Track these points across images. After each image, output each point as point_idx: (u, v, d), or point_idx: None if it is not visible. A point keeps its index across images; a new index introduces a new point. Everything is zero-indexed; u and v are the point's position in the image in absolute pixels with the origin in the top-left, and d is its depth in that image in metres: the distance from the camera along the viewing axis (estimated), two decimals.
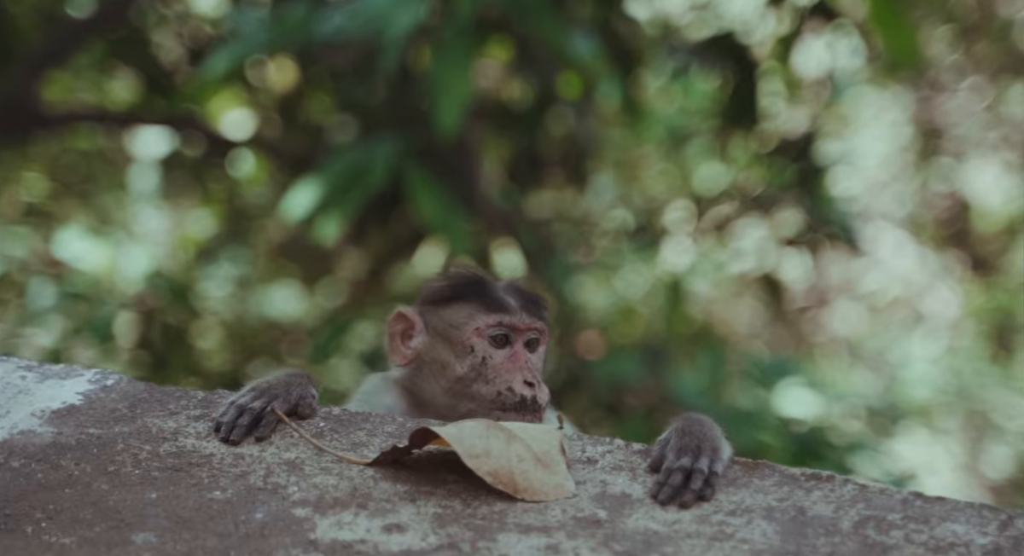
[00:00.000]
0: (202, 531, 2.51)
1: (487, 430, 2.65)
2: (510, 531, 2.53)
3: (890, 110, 10.84)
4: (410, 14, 5.55)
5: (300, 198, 6.31)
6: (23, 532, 2.48)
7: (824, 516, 2.57)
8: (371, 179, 6.12)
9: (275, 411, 2.81)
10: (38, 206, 9.92)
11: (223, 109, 8.56)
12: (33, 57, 7.86)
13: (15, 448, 2.73)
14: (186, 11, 8.19)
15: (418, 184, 6.22)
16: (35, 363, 3.05)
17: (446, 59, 5.67)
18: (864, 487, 2.65)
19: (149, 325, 8.75)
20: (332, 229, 6.25)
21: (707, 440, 2.69)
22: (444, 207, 6.30)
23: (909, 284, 11.36)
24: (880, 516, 2.56)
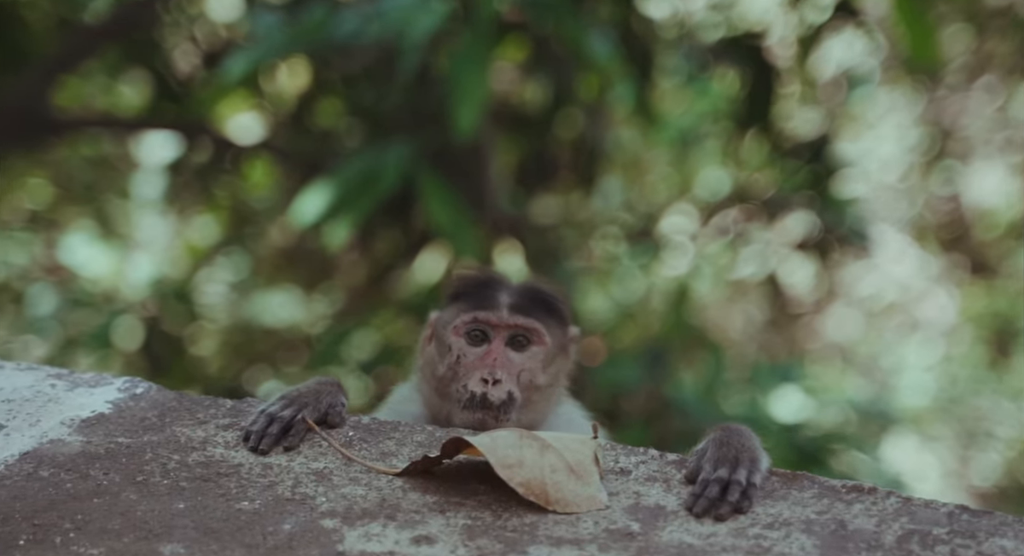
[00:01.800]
0: (230, 542, 2.48)
1: (520, 440, 2.62)
2: (541, 543, 2.50)
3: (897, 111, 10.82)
4: (430, 16, 5.52)
5: (310, 203, 6.27)
6: (51, 542, 2.45)
7: (866, 530, 2.52)
8: (383, 184, 6.08)
9: (305, 420, 2.77)
10: (41, 212, 9.88)
11: (232, 114, 8.52)
12: (47, 63, 7.83)
13: (44, 457, 2.70)
14: (201, 16, 8.15)
15: (429, 188, 6.18)
16: (65, 371, 3.03)
17: (464, 62, 5.64)
18: (908, 500, 2.59)
19: (150, 332, 8.71)
20: (341, 234, 6.21)
21: (745, 451, 2.65)
22: (454, 211, 6.26)
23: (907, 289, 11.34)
24: (925, 530, 2.51)
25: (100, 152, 9.39)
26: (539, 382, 3.05)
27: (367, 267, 8.60)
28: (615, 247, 8.95)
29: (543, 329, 3.05)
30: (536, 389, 3.05)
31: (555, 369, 3.10)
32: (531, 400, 3.04)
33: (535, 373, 3.04)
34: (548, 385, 3.08)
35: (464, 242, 6.24)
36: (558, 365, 3.11)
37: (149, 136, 8.63)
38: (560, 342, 3.10)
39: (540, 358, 3.05)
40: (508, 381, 2.99)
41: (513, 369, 3.02)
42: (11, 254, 9.68)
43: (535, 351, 3.05)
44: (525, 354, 3.05)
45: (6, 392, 2.93)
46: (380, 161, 6.02)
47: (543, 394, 3.07)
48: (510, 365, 3.02)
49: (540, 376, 3.05)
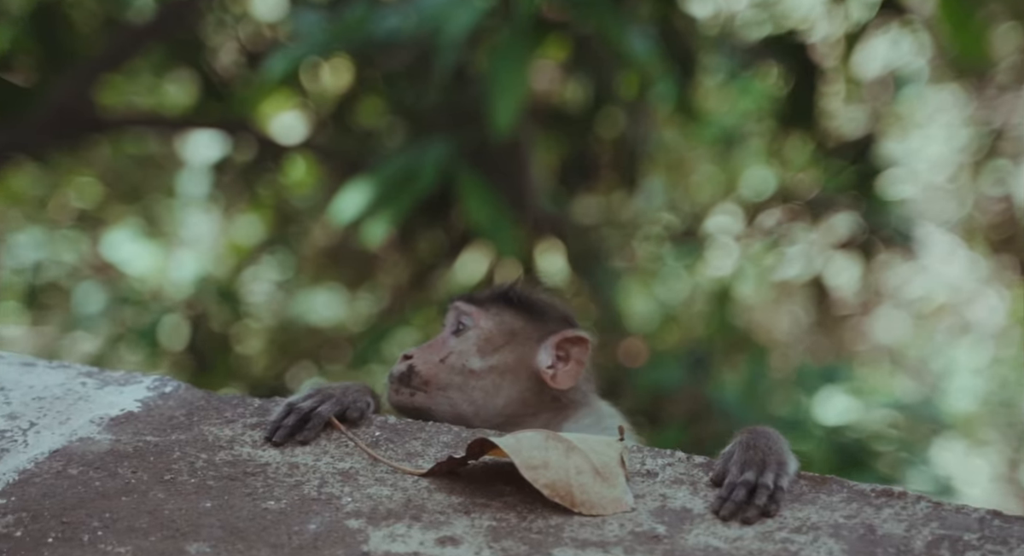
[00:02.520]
0: (255, 542, 2.48)
1: (546, 441, 2.61)
2: (566, 546, 2.49)
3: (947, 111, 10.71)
4: (468, 14, 5.52)
5: (350, 201, 6.29)
6: (79, 540, 2.46)
7: (895, 535, 2.49)
8: (421, 182, 6.09)
9: (322, 414, 2.78)
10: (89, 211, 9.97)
11: (276, 113, 8.56)
12: (92, 62, 7.90)
13: (74, 455, 2.72)
14: (244, 15, 8.20)
15: (469, 187, 6.18)
16: (96, 370, 3.05)
17: (504, 59, 5.63)
18: (939, 505, 2.56)
19: (195, 330, 8.77)
20: (380, 232, 6.22)
21: (772, 454, 2.62)
22: (494, 210, 6.26)
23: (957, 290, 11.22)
24: (955, 536, 2.48)
25: (146, 151, 9.46)
26: (473, 366, 3.03)
27: (409, 266, 8.61)
28: (658, 247, 8.92)
29: (479, 312, 3.06)
30: (471, 373, 3.03)
31: (504, 358, 3.06)
32: (468, 385, 3.03)
33: (467, 356, 3.04)
34: (491, 371, 3.05)
35: (504, 241, 6.24)
36: (511, 355, 3.07)
37: (194, 135, 8.69)
38: (512, 330, 3.07)
39: (472, 341, 3.05)
40: (419, 358, 3.02)
41: (441, 351, 3.04)
42: (60, 252, 9.78)
43: (469, 335, 3.06)
44: (461, 338, 3.06)
45: (37, 390, 2.95)
46: (419, 160, 6.03)
47: (488, 381, 3.04)
48: (439, 347, 3.05)
49: (474, 360, 3.04)
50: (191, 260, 8.78)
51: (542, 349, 3.08)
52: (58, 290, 9.61)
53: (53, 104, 7.84)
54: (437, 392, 3.00)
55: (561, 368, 3.09)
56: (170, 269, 8.60)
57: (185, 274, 8.62)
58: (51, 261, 9.67)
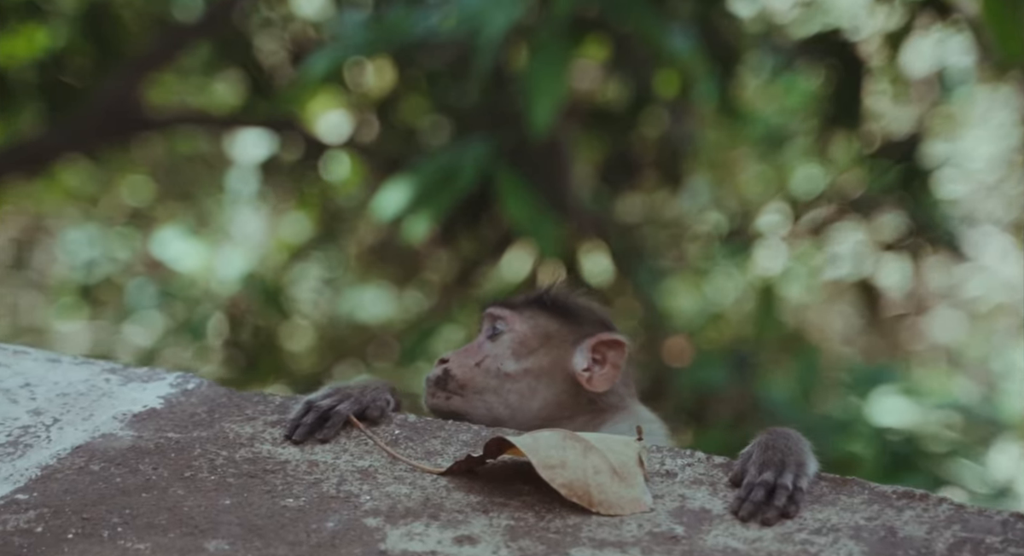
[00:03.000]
0: (273, 539, 2.49)
1: (563, 441, 2.60)
2: (583, 546, 2.48)
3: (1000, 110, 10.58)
4: (506, 14, 5.52)
5: (391, 198, 6.31)
6: (99, 536, 2.48)
7: (916, 537, 2.47)
8: (461, 181, 6.09)
9: (342, 412, 2.79)
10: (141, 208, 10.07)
11: (321, 112, 8.60)
12: (141, 61, 7.98)
13: (96, 451, 2.74)
14: (289, 14, 8.25)
15: (508, 186, 6.18)
16: (120, 366, 3.07)
17: (542, 59, 5.63)
18: (961, 507, 2.54)
19: (241, 327, 8.83)
20: (421, 229, 6.23)
21: (792, 454, 2.61)
22: (533, 209, 6.26)
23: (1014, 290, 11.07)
24: (978, 539, 2.45)
25: (197, 149, 9.54)
26: (508, 369, 3.03)
27: (456, 263, 8.62)
28: (703, 246, 8.88)
29: (514, 316, 3.07)
30: (506, 377, 3.03)
31: (539, 361, 3.05)
32: (504, 388, 3.02)
33: (501, 359, 3.03)
34: (526, 374, 3.04)
35: (544, 240, 6.23)
36: (546, 358, 3.06)
37: (241, 133, 8.75)
38: (547, 333, 3.07)
39: (507, 345, 3.05)
40: (454, 362, 3.03)
41: (476, 354, 3.04)
42: (114, 249, 9.88)
43: (504, 338, 3.06)
44: (496, 342, 3.06)
45: (61, 386, 2.98)
46: (459, 158, 6.03)
47: (523, 384, 3.04)
48: (474, 351, 3.05)
49: (509, 363, 3.03)
50: (239, 257, 8.83)
51: (577, 352, 3.08)
52: (112, 286, 9.71)
53: (103, 103, 7.93)
54: (473, 395, 3.00)
55: (597, 371, 3.08)
56: (217, 266, 8.66)
57: (232, 271, 8.68)
58: (105, 258, 9.77)
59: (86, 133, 8.14)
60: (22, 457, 2.69)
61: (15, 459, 2.69)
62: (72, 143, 8.22)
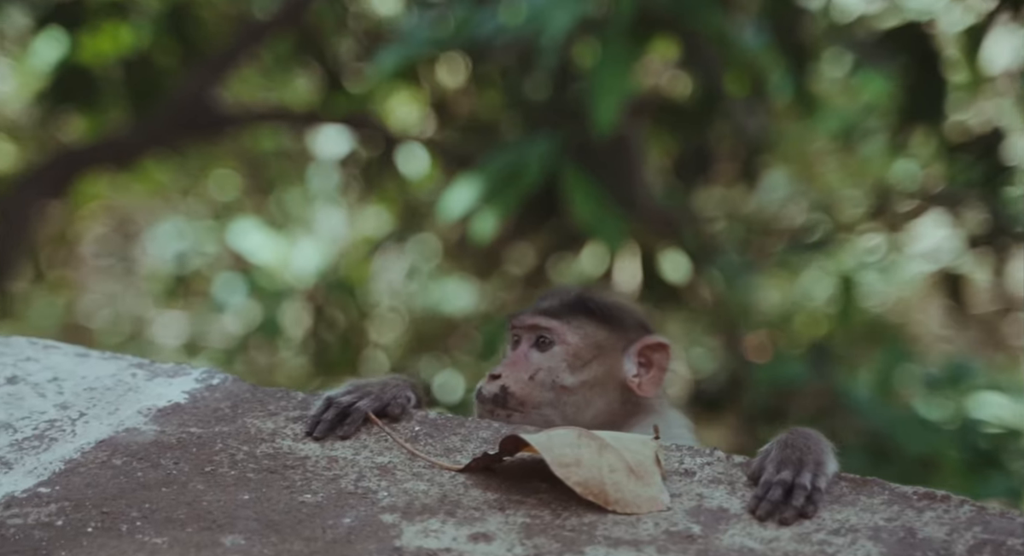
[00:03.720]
0: (289, 535, 2.50)
1: (578, 439, 2.59)
2: (599, 544, 2.47)
3: None
4: (569, 12, 5.50)
5: (458, 196, 6.33)
6: (118, 530, 2.51)
7: (936, 539, 2.44)
8: (526, 178, 6.08)
9: (362, 409, 2.80)
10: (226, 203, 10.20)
11: (397, 108, 8.65)
12: (218, 57, 8.09)
13: (119, 446, 2.77)
14: (363, 12, 8.31)
15: (574, 182, 6.15)
16: (147, 361, 3.10)
17: (607, 56, 5.60)
18: (983, 509, 2.50)
19: (320, 321, 8.91)
20: (488, 227, 6.22)
21: (810, 453, 2.57)
22: (600, 206, 6.21)
23: None
24: (999, 540, 2.41)
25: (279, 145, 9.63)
26: (565, 382, 3.01)
27: (536, 256, 8.60)
28: (783, 241, 8.77)
29: (564, 328, 3.03)
30: (563, 389, 3.01)
31: (594, 371, 3.04)
32: (561, 401, 3.01)
33: (557, 372, 3.01)
34: (583, 386, 3.03)
35: (610, 237, 6.19)
36: (600, 368, 3.05)
37: (320, 129, 8.83)
38: (598, 343, 3.05)
39: (561, 357, 3.02)
40: (508, 377, 3.00)
41: (526, 368, 3.01)
42: (202, 242, 10.03)
43: (556, 351, 3.03)
44: (546, 354, 3.03)
45: (89, 380, 3.01)
46: (524, 155, 6.02)
47: (580, 396, 3.02)
48: (525, 364, 3.02)
49: (565, 376, 3.01)
50: (319, 252, 8.90)
51: (626, 358, 3.07)
52: (200, 279, 9.85)
53: (185, 99, 8.05)
54: (532, 410, 2.99)
55: (645, 376, 3.08)
56: (297, 261, 8.73)
57: (312, 266, 8.74)
58: (193, 251, 9.92)
59: (169, 129, 8.27)
60: (47, 451, 2.74)
61: (40, 452, 2.73)
62: (156, 139, 8.36)
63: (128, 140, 8.29)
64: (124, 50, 7.92)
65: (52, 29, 7.68)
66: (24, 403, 2.90)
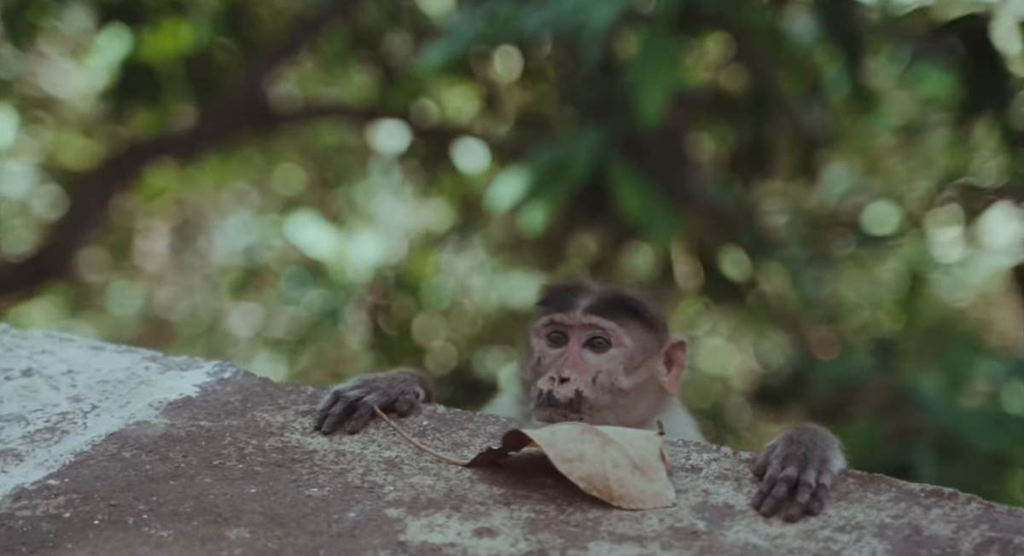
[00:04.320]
0: (294, 528, 2.51)
1: (581, 434, 2.57)
2: (602, 540, 2.45)
3: None
4: (611, 6, 5.45)
5: (506, 188, 6.31)
6: (124, 523, 2.53)
7: (942, 536, 2.41)
8: (574, 170, 6.04)
9: (369, 404, 2.79)
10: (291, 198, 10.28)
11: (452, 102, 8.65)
12: (274, 52, 8.15)
13: (129, 438, 2.79)
14: (414, 6, 8.32)
15: (622, 176, 6.09)
16: (160, 354, 3.12)
17: (650, 48, 5.55)
18: (990, 507, 2.47)
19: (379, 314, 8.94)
20: (538, 219, 6.19)
21: (815, 450, 2.54)
22: (649, 200, 6.15)
23: None
24: (1006, 539, 2.38)
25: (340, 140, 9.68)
26: (622, 385, 2.99)
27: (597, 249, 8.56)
28: (845, 236, 8.65)
29: (621, 330, 3.01)
30: (620, 392, 3.00)
31: (642, 373, 3.03)
32: (617, 403, 2.99)
33: (615, 375, 2.99)
34: (635, 389, 3.02)
35: (660, 231, 6.12)
36: (646, 369, 3.04)
37: (379, 124, 8.85)
38: (644, 345, 3.04)
39: (619, 360, 3.00)
40: (578, 380, 2.95)
41: (588, 370, 2.98)
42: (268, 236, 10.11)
43: (614, 353, 3.00)
44: (603, 356, 3.00)
45: (103, 373, 3.04)
46: (571, 148, 5.98)
47: (631, 398, 3.01)
48: (584, 365, 2.98)
49: (622, 378, 3.00)
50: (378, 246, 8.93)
51: (659, 359, 3.08)
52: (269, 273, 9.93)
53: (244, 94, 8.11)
54: (595, 413, 2.97)
55: (669, 374, 3.09)
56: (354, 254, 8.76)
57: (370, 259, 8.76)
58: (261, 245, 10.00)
59: (229, 124, 8.34)
60: (58, 443, 2.76)
61: (51, 445, 2.76)
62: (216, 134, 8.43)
63: (189, 135, 8.38)
64: (184, 47, 8.01)
65: (113, 27, 7.78)
66: (38, 396, 2.93)
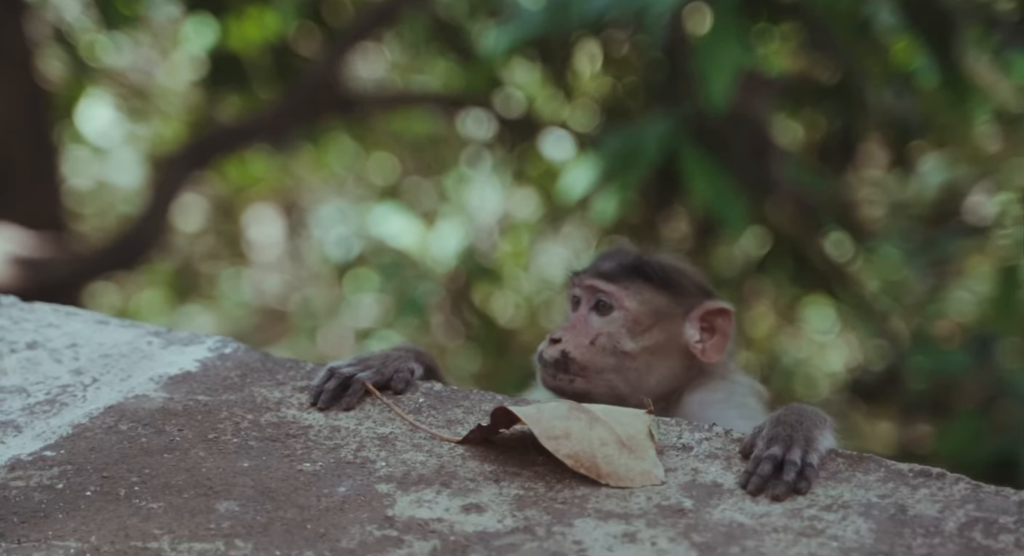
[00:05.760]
0: (284, 502, 2.51)
1: (568, 412, 2.54)
2: (589, 516, 2.43)
3: None
4: None
5: (578, 176, 6.27)
6: (116, 494, 2.55)
7: (927, 516, 2.38)
8: (645, 156, 5.96)
9: (362, 379, 2.78)
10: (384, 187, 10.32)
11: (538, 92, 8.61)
12: (353, 38, 8.19)
13: (127, 412, 2.81)
14: None
15: (694, 162, 5.99)
16: (163, 329, 3.15)
17: (715, 30, 5.46)
18: (978, 487, 2.44)
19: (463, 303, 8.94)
20: (610, 207, 6.13)
21: (801, 429, 2.49)
22: (724, 187, 6.04)
23: None
24: (991, 518, 2.35)
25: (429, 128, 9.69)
26: (625, 347, 2.96)
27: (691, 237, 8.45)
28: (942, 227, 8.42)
29: (623, 293, 2.97)
30: (625, 355, 2.96)
31: (655, 336, 2.98)
32: (624, 366, 2.96)
33: (617, 338, 2.96)
34: (645, 352, 2.97)
35: (733, 218, 6.00)
36: (661, 332, 2.99)
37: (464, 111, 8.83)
38: (656, 309, 2.99)
39: (620, 323, 2.97)
40: (568, 342, 2.95)
41: (588, 332, 2.96)
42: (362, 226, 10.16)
43: (615, 316, 2.98)
44: (606, 319, 2.98)
45: (106, 347, 3.07)
46: (642, 134, 5.91)
47: (642, 361, 2.96)
48: (584, 328, 2.97)
49: (626, 341, 2.96)
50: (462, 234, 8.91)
51: (688, 324, 3.02)
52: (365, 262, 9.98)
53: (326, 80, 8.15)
54: (595, 376, 2.95)
55: (708, 341, 3.02)
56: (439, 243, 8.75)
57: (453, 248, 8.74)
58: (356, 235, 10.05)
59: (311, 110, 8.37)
60: (56, 415, 2.80)
61: (50, 417, 2.79)
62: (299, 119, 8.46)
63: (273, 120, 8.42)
64: (269, 35, 8.09)
65: (200, 16, 7.89)
66: (40, 368, 2.97)
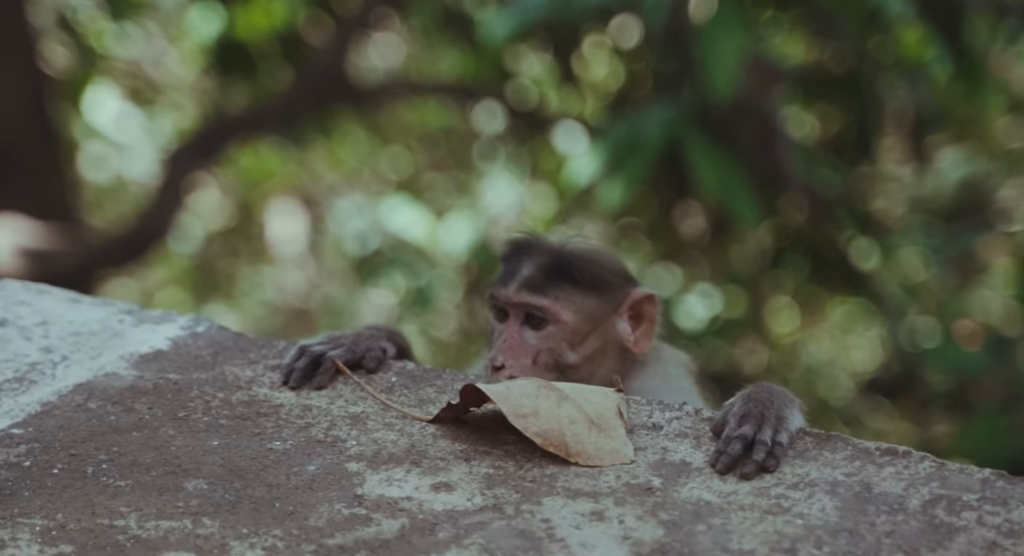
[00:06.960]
0: (253, 481, 2.50)
1: (537, 390, 2.52)
2: (557, 495, 2.41)
3: None
4: None
5: (583, 165, 6.25)
6: (83, 472, 2.54)
7: (891, 493, 2.37)
8: (649, 146, 5.93)
9: (332, 359, 2.76)
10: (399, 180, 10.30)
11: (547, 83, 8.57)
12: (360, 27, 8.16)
13: (96, 390, 2.80)
14: None
15: (698, 151, 5.95)
16: (136, 308, 3.13)
17: (717, 16, 5.43)
18: (942, 465, 2.43)
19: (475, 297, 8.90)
20: (616, 196, 6.09)
21: (772, 408, 2.47)
22: (731, 178, 5.99)
23: None
24: (954, 496, 2.35)
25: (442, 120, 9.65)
26: (568, 361, 2.89)
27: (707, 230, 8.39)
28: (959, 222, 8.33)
29: (558, 306, 2.88)
30: (568, 367, 2.89)
31: (594, 343, 2.91)
32: (569, 378, 2.87)
33: (558, 353, 2.89)
34: (588, 359, 2.91)
35: (741, 208, 5.94)
36: (598, 337, 2.92)
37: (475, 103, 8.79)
38: (591, 314, 2.91)
39: (559, 337, 2.89)
40: (513, 366, 2.86)
41: (527, 351, 2.88)
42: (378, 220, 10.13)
43: (552, 330, 2.89)
44: (542, 333, 2.89)
45: (76, 325, 3.06)
46: (646, 123, 5.87)
47: (586, 369, 2.90)
48: (522, 347, 2.88)
49: (567, 355, 2.89)
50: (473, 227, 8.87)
51: (619, 320, 2.94)
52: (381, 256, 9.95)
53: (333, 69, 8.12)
54: None
55: (637, 331, 2.96)
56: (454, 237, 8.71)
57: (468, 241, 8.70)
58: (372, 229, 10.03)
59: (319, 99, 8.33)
60: (25, 393, 2.78)
61: (18, 395, 2.78)
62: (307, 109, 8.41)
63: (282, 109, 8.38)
64: (277, 22, 8.07)
65: (207, 4, 7.88)
66: (9, 346, 2.95)
